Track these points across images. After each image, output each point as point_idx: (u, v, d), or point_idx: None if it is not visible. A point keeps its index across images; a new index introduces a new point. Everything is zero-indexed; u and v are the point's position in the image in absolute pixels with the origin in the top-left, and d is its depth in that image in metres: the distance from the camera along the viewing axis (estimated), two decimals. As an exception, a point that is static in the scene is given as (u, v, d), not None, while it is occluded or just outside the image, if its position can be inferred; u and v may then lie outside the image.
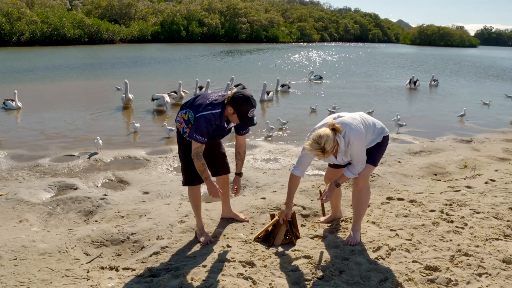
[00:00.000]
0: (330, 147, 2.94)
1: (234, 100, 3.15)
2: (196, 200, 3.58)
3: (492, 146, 7.77)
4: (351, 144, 3.07)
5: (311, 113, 10.96)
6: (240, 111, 3.15)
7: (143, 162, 6.44)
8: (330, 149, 2.95)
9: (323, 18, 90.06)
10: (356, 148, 3.10)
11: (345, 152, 3.16)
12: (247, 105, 3.14)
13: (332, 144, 2.95)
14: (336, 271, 2.94)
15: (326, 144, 2.92)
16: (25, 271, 3.03)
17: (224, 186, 3.81)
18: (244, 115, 3.17)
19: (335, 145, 3.00)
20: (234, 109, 3.16)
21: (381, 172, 5.67)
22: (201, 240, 3.51)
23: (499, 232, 3.53)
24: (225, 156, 3.76)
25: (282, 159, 6.65)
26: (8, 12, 39.57)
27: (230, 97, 3.18)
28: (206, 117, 3.16)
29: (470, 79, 22.81)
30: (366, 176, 3.35)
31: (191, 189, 3.57)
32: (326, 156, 3.01)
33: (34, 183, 5.28)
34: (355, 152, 3.12)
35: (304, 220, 4.08)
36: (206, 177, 3.29)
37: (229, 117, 3.26)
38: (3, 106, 10.51)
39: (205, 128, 3.16)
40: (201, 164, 3.24)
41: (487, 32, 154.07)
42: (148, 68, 21.84)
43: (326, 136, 2.93)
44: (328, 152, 2.96)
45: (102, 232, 3.64)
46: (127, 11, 57.43)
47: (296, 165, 3.29)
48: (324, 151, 2.94)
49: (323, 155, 2.98)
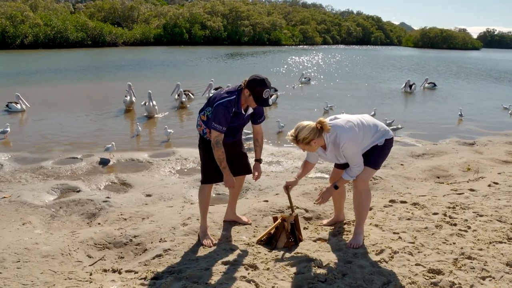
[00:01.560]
0: (302, 137, 3.07)
1: (250, 82, 3.31)
2: (206, 200, 3.61)
3: (495, 149, 7.74)
4: (342, 146, 3.12)
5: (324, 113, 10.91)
6: (255, 92, 3.28)
7: (146, 164, 6.45)
8: (303, 140, 3.08)
9: (326, 21, 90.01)
10: (349, 150, 3.13)
11: (338, 153, 3.21)
12: (262, 86, 3.28)
13: (307, 135, 3.06)
14: (339, 274, 2.93)
15: (300, 133, 3.08)
16: (28, 273, 3.04)
17: (237, 189, 3.84)
18: (259, 96, 3.29)
19: (314, 140, 3.10)
20: (250, 90, 3.29)
21: (383, 175, 5.66)
22: (204, 242, 3.51)
23: (503, 235, 3.51)
24: (246, 156, 3.76)
25: (285, 162, 6.65)
26: (12, 15, 39.75)
27: (247, 80, 3.33)
28: (223, 104, 3.29)
29: (472, 81, 22.76)
30: (366, 179, 3.35)
31: (204, 188, 3.59)
32: (303, 147, 3.16)
33: (37, 186, 5.29)
34: (349, 154, 3.15)
35: (307, 223, 4.07)
36: (224, 166, 3.39)
37: (246, 101, 3.38)
38: (7, 109, 10.56)
39: (223, 116, 3.28)
40: (221, 152, 3.34)
41: (489, 34, 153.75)
42: (151, 71, 21.90)
43: (302, 127, 3.09)
44: (300, 141, 3.09)
45: (105, 234, 3.65)
46: (130, 14, 57.63)
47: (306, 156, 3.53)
48: (297, 139, 3.10)
49: (297, 144, 3.14)
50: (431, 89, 17.96)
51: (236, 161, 3.64)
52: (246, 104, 3.43)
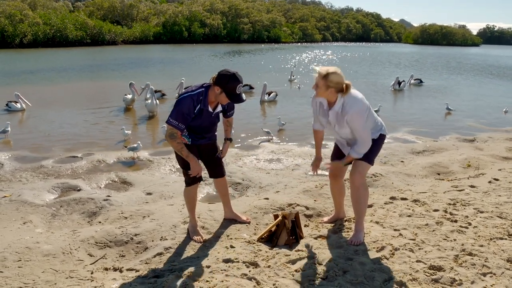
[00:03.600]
0: (331, 78, 3.06)
1: (220, 78, 3.13)
2: (192, 200, 3.65)
3: (495, 145, 7.74)
4: (350, 114, 3.10)
5: None
6: (227, 88, 3.13)
7: (146, 163, 6.45)
8: (329, 79, 3.06)
9: (325, 18, 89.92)
10: (356, 122, 3.12)
11: (340, 121, 3.19)
12: (234, 81, 3.12)
13: (334, 79, 3.06)
14: (340, 271, 2.93)
15: (331, 74, 3.06)
16: (29, 272, 3.04)
17: (222, 189, 3.86)
18: (232, 92, 3.14)
19: (333, 89, 3.09)
20: (221, 87, 3.14)
21: (384, 172, 5.66)
22: (194, 238, 3.55)
23: (503, 231, 3.51)
24: (220, 160, 3.73)
25: (285, 159, 6.65)
26: (11, 14, 39.71)
27: (216, 77, 3.17)
28: (183, 100, 3.18)
29: (472, 77, 22.72)
30: (363, 174, 3.35)
31: (188, 189, 3.62)
32: (319, 86, 3.10)
33: (38, 185, 5.29)
34: (355, 126, 3.14)
35: (308, 220, 4.07)
36: (186, 155, 3.29)
37: (217, 99, 3.24)
38: (7, 108, 10.55)
39: (181, 111, 3.16)
40: (176, 143, 3.25)
41: (489, 30, 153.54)
42: (153, 69, 21.86)
43: (336, 72, 3.09)
44: (325, 78, 3.06)
45: (106, 233, 3.65)
46: (129, 12, 57.52)
47: (313, 121, 3.58)
48: (324, 74, 3.07)
49: (320, 78, 3.09)
50: (417, 86, 17.71)
51: (212, 164, 3.66)
52: (216, 102, 3.31)
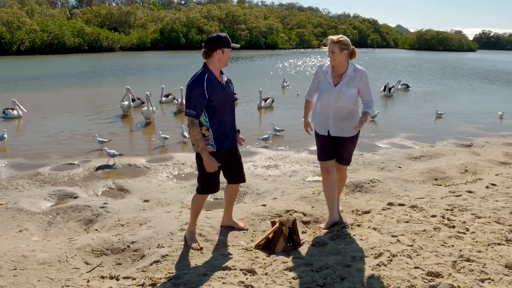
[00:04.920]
0: (345, 40, 3.64)
1: (212, 42, 3.32)
2: (198, 208, 3.62)
3: (492, 150, 7.76)
4: (364, 74, 3.71)
5: None
6: (225, 42, 3.32)
7: (143, 170, 6.43)
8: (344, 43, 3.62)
9: (322, 24, 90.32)
10: (367, 80, 3.75)
11: (352, 81, 3.69)
12: (224, 36, 3.34)
13: (348, 42, 3.65)
14: (337, 278, 2.92)
15: (344, 38, 3.64)
16: (25, 281, 3.02)
17: (232, 196, 3.85)
18: (229, 42, 3.35)
19: (346, 53, 3.64)
20: (219, 47, 3.30)
21: (381, 178, 5.66)
22: (191, 245, 3.53)
23: (501, 237, 3.51)
24: (242, 165, 3.74)
25: (283, 166, 6.64)
26: (8, 21, 39.76)
27: (207, 47, 3.33)
28: (190, 86, 3.27)
29: (468, 82, 22.82)
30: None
31: (199, 197, 3.57)
32: (334, 51, 3.61)
33: (34, 192, 5.27)
34: (366, 83, 3.74)
35: (305, 227, 4.06)
36: (202, 147, 3.31)
37: (220, 64, 3.36)
38: (3, 115, 10.52)
39: (194, 97, 3.24)
40: (197, 132, 3.29)
41: (485, 36, 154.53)
42: (150, 76, 21.89)
43: (343, 35, 3.70)
44: (340, 43, 3.60)
45: (102, 241, 3.63)
46: (127, 19, 57.67)
47: (308, 91, 4.00)
48: (339, 40, 3.62)
49: (334, 43, 3.61)
50: (405, 91, 17.67)
51: (233, 170, 3.66)
52: (220, 74, 3.42)
